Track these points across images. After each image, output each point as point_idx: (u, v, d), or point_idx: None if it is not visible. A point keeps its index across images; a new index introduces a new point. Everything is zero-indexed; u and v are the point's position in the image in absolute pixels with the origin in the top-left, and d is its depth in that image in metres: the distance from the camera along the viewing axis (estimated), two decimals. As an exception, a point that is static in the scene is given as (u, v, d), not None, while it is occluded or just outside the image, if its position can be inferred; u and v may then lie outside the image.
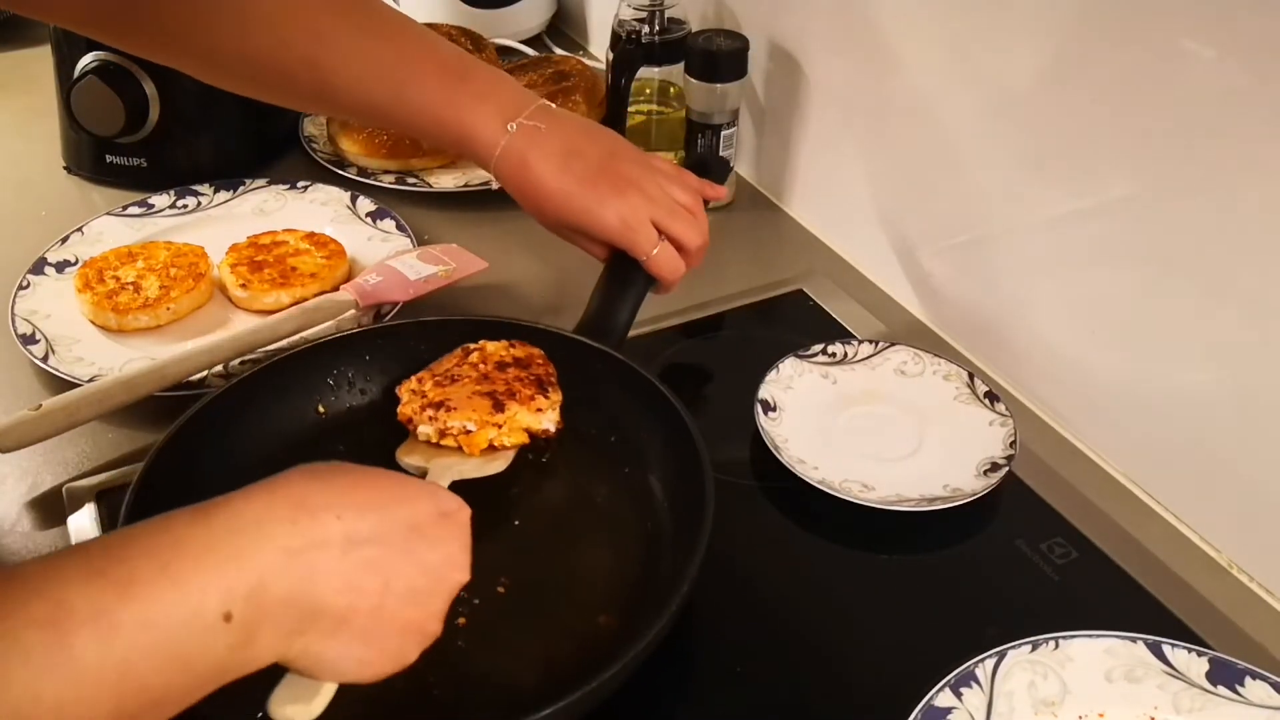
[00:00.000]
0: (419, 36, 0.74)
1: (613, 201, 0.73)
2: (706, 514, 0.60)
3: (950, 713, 0.55)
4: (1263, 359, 0.64)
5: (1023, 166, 0.77)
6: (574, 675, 0.51)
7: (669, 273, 0.75)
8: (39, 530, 0.70)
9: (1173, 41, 0.63)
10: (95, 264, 0.88)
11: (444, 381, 0.70)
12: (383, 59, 0.71)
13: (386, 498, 0.48)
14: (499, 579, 0.62)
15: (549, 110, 0.75)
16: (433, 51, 0.73)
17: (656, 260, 0.74)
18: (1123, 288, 0.71)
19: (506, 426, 0.68)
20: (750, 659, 0.62)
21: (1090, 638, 0.58)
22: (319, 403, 0.73)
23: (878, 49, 0.86)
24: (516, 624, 0.61)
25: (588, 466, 0.70)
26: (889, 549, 0.69)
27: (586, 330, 0.74)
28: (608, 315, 0.75)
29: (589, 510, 0.68)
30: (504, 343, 0.73)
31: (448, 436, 0.68)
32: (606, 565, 0.65)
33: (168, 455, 0.63)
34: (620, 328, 0.75)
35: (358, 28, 0.71)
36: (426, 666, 0.57)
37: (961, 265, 0.85)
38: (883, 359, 0.80)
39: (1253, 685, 0.57)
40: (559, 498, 0.69)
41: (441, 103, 0.72)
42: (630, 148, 0.77)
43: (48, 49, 1.02)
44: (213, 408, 0.67)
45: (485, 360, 0.71)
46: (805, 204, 1.02)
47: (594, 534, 0.67)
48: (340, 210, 0.99)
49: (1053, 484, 0.73)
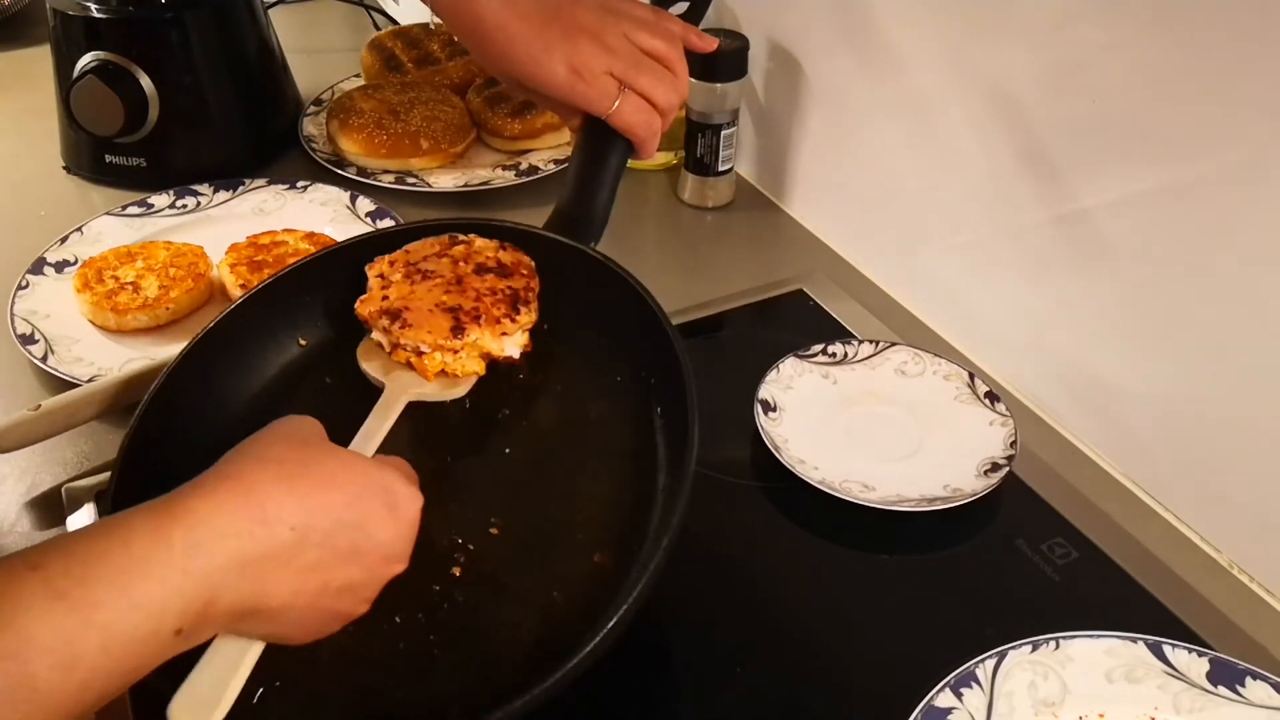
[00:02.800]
0: None
1: (560, 47, 0.64)
2: (692, 437, 0.57)
3: (950, 713, 0.55)
4: (1263, 359, 0.64)
5: (1023, 166, 0.77)
6: (573, 624, 0.51)
7: (640, 126, 0.66)
8: (38, 530, 0.70)
9: (1172, 41, 0.63)
10: (94, 264, 0.88)
11: (413, 275, 0.65)
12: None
13: (342, 499, 0.48)
14: (491, 520, 0.61)
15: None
16: None
17: (620, 115, 0.66)
18: (1123, 287, 0.71)
19: (464, 352, 0.63)
20: (750, 659, 0.62)
21: (1091, 638, 0.58)
22: (297, 335, 0.70)
23: (878, 49, 0.86)
24: (512, 569, 0.59)
25: (580, 377, 0.66)
26: (889, 549, 0.69)
27: (561, 221, 0.68)
28: (583, 201, 0.68)
29: (582, 430, 0.65)
30: (495, 243, 0.67)
31: (399, 352, 0.64)
32: (601, 496, 0.61)
33: (154, 414, 0.62)
34: (598, 214, 0.68)
35: None
36: (427, 625, 0.57)
37: (961, 265, 0.85)
38: (883, 359, 0.80)
39: (1253, 686, 0.57)
40: (551, 419, 0.65)
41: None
42: (592, 0, 0.67)
43: (47, 49, 1.02)
44: (190, 359, 0.65)
45: (467, 259, 0.66)
46: (805, 204, 1.02)
47: (587, 461, 0.63)
48: (340, 210, 0.99)
49: (1053, 484, 0.73)
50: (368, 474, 0.50)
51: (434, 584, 0.59)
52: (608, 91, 0.65)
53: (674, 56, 0.67)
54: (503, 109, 1.08)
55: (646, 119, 0.66)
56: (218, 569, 0.42)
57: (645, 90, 0.66)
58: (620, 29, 0.66)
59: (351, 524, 0.48)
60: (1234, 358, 0.66)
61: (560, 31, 0.64)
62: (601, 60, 0.65)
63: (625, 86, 0.65)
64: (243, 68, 1.06)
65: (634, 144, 0.67)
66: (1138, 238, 0.69)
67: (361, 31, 1.35)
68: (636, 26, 0.66)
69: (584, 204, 0.67)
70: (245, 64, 1.07)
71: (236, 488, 0.45)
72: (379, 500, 0.50)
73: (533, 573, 0.59)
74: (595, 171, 0.68)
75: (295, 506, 0.46)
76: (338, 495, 0.48)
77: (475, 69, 1.17)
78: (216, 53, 1.03)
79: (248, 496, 0.45)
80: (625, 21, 0.66)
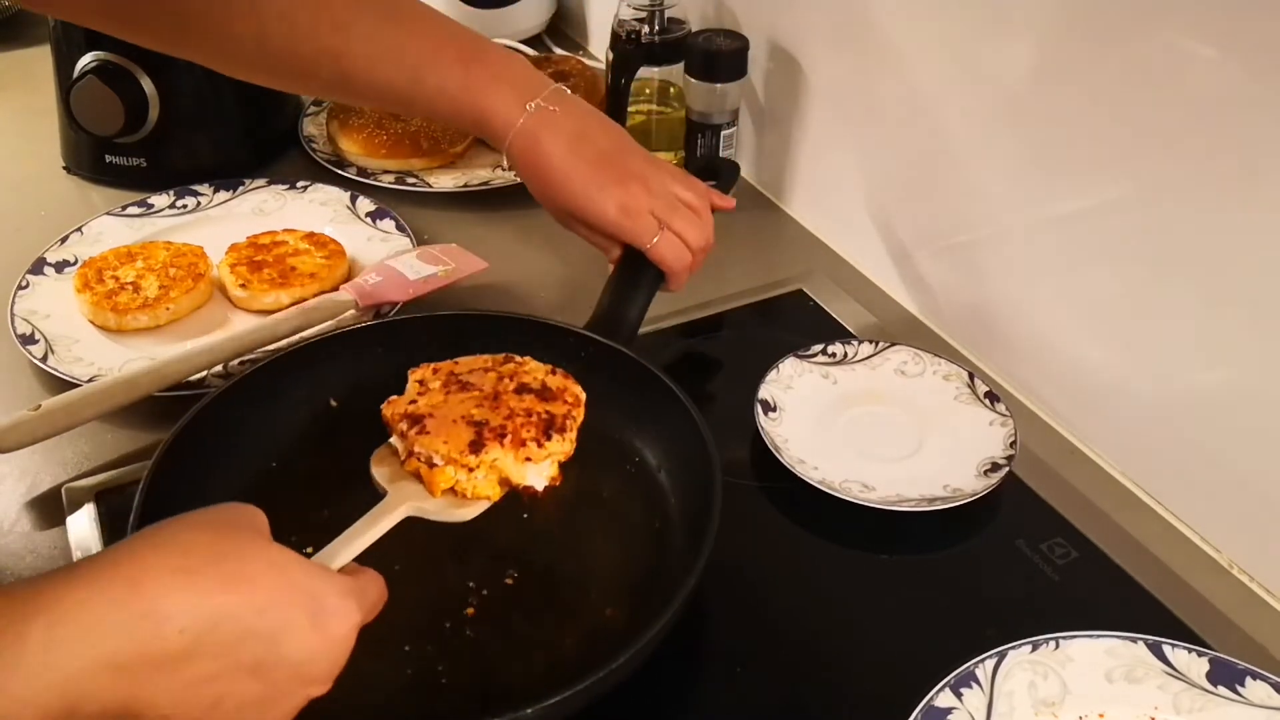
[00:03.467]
0: (435, 21, 0.74)
1: (613, 189, 0.74)
2: (714, 512, 0.59)
3: (950, 713, 0.55)
4: (1263, 358, 0.64)
5: (1023, 166, 0.77)
6: (580, 666, 0.52)
7: (673, 260, 0.75)
8: (38, 530, 0.70)
9: (1172, 41, 0.63)
10: (94, 264, 0.88)
11: (451, 385, 0.64)
12: (403, 45, 0.71)
13: (253, 605, 0.42)
14: (508, 570, 0.63)
15: (564, 94, 0.75)
16: (450, 36, 0.74)
17: (658, 249, 0.74)
18: (1123, 287, 0.71)
19: (480, 472, 0.60)
20: (749, 659, 0.62)
21: (1091, 638, 0.58)
22: (330, 396, 0.72)
23: (878, 49, 0.86)
24: (524, 615, 0.61)
25: (595, 461, 0.69)
26: (889, 549, 0.69)
27: (597, 326, 0.74)
28: (618, 312, 0.75)
29: (597, 504, 0.68)
30: (547, 367, 0.67)
31: (411, 460, 0.60)
32: (614, 560, 0.65)
33: (175, 454, 0.62)
34: (630, 324, 0.75)
35: (376, 15, 0.71)
36: (436, 656, 0.58)
37: (962, 265, 0.85)
38: (883, 359, 0.80)
39: (1253, 685, 0.57)
40: (567, 491, 0.67)
41: (459, 85, 0.72)
42: (639, 146, 0.78)
43: (47, 49, 1.02)
44: (220, 402, 0.66)
45: (512, 377, 0.65)
46: (805, 204, 1.02)
47: (602, 528, 0.66)
48: (340, 210, 0.99)
49: (1053, 484, 0.73)
50: (292, 578, 0.44)
51: (446, 620, 0.60)
52: (650, 228, 0.74)
53: (703, 206, 0.77)
54: (503, 109, 1.08)
55: (680, 254, 0.75)
56: (83, 671, 0.37)
57: (680, 230, 0.75)
58: (661, 179, 0.76)
59: (262, 635, 0.42)
60: (1235, 358, 0.66)
61: (613, 174, 0.74)
62: (645, 201, 0.74)
63: (664, 226, 0.74)
64: (243, 68, 1.06)
65: (667, 274, 0.76)
66: (1138, 237, 0.69)
67: (361, 31, 1.35)
68: (674, 179, 0.77)
69: (618, 313, 0.75)
70: (245, 64, 1.07)
71: (121, 575, 0.39)
72: (300, 610, 0.44)
73: (544, 620, 0.61)
74: (630, 293, 0.75)
75: (191, 605, 0.40)
76: (249, 599, 0.42)
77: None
78: (216, 53, 1.03)
79: (134, 587, 0.39)
80: (665, 174, 0.77)
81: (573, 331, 0.73)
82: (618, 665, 0.52)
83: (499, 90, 0.73)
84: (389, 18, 0.72)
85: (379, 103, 0.86)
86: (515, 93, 0.73)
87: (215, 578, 0.41)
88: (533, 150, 0.73)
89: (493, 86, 0.73)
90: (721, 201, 0.80)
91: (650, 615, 0.55)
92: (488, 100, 0.72)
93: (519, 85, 0.74)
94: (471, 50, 0.73)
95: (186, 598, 0.40)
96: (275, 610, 0.43)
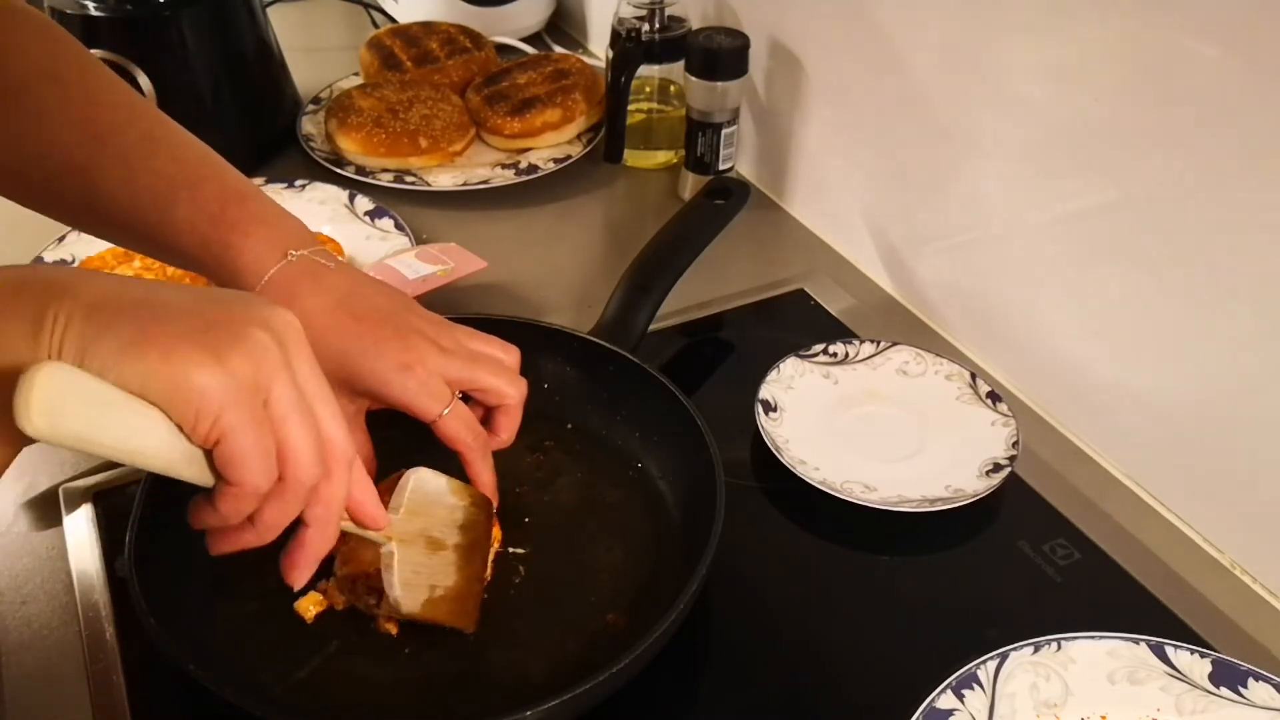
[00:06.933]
0: (206, 158, 0.64)
1: (391, 343, 0.60)
2: (716, 522, 0.60)
3: (952, 714, 0.55)
4: (1263, 358, 0.64)
5: (1024, 166, 0.76)
6: (581, 672, 0.52)
7: (468, 436, 0.62)
8: (35, 531, 0.70)
9: (1174, 41, 0.63)
10: (92, 264, 0.88)
11: None
12: (160, 171, 0.61)
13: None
14: (510, 575, 0.64)
15: (343, 261, 0.66)
16: (217, 174, 0.63)
17: (447, 423, 0.60)
18: (1125, 287, 0.71)
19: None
20: (750, 660, 0.62)
21: (1093, 639, 0.58)
22: None
23: (879, 48, 0.86)
24: (528, 619, 0.62)
25: (597, 467, 0.71)
26: (890, 550, 0.69)
27: (602, 331, 0.74)
28: (625, 318, 0.74)
29: (600, 510, 0.68)
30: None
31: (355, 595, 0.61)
32: (616, 565, 0.65)
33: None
34: (637, 330, 0.74)
35: (139, 138, 0.61)
36: (438, 659, 0.58)
37: (963, 265, 0.85)
38: (884, 359, 0.80)
39: (1256, 687, 0.56)
40: (570, 498, 0.69)
41: (210, 218, 0.60)
42: (428, 312, 0.64)
43: (45, 47, 1.02)
44: None
45: None
46: (805, 203, 1.02)
47: (605, 534, 0.67)
48: (338, 209, 0.98)
49: (1055, 485, 0.73)
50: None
51: None
52: (439, 395, 0.60)
53: (510, 361, 0.65)
54: (502, 107, 1.07)
55: (473, 435, 0.62)
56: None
57: (485, 385, 0.63)
58: (454, 335, 0.63)
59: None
60: (1236, 358, 0.65)
61: (391, 331, 0.60)
62: (435, 361, 0.60)
63: (459, 394, 0.62)
64: (241, 66, 1.06)
65: (461, 455, 0.62)
66: (1140, 237, 0.69)
67: (360, 30, 1.35)
68: (468, 335, 0.64)
69: (625, 319, 0.74)
70: (243, 62, 1.06)
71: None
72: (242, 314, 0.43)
73: (546, 624, 0.62)
74: (639, 298, 0.75)
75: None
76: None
77: (474, 68, 1.16)
78: (214, 51, 1.03)
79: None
80: (458, 330, 0.64)
81: (576, 336, 0.73)
82: (618, 669, 0.53)
83: (256, 230, 0.60)
84: (155, 146, 0.62)
85: (123, 233, 0.66)
86: (275, 237, 0.61)
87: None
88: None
89: (250, 226, 0.60)
90: (519, 385, 0.64)
91: (651, 621, 0.55)
92: (238, 237, 0.60)
93: (284, 233, 0.61)
94: (238, 190, 0.62)
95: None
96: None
